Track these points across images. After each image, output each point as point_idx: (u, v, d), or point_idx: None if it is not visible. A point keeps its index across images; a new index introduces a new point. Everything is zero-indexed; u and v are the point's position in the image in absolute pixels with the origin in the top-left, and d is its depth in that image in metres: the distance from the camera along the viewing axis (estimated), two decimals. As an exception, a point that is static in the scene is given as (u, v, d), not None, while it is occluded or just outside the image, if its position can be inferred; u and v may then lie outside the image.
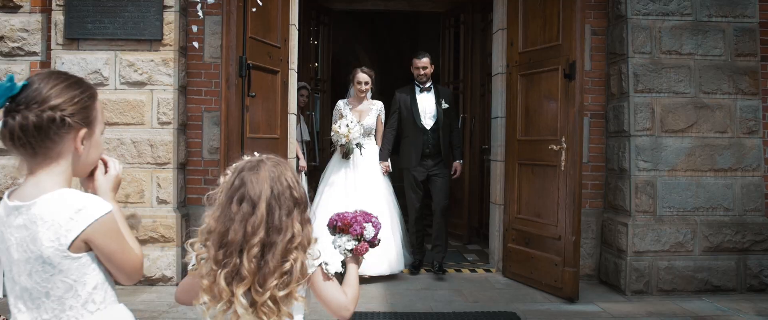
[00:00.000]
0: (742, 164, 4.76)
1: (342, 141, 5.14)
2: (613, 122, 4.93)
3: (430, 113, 5.34)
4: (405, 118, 5.37)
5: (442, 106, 5.31)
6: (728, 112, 4.76)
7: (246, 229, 1.50)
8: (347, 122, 5.13)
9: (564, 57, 4.47)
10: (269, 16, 4.77)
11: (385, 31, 14.69)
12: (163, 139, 4.75)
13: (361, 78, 5.39)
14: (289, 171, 1.59)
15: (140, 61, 4.77)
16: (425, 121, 5.33)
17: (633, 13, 4.71)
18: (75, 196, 1.39)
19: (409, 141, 5.35)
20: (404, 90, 5.50)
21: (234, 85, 4.25)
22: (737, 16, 4.77)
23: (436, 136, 5.32)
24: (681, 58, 4.73)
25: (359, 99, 5.45)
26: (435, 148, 5.32)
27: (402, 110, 5.40)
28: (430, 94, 5.39)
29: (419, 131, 5.29)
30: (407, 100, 5.38)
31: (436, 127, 5.32)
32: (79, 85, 1.46)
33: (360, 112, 5.41)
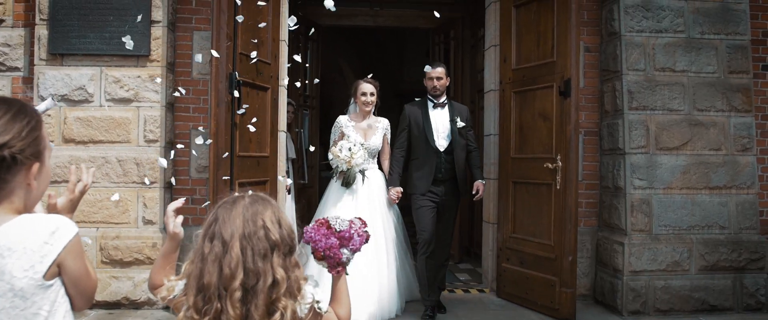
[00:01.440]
0: (736, 182, 4.73)
1: (343, 167, 4.47)
2: (608, 139, 4.89)
3: (444, 132, 4.65)
4: (415, 137, 4.66)
5: (458, 124, 4.64)
6: (722, 129, 4.74)
7: (222, 270, 1.37)
8: (350, 145, 4.47)
9: (559, 74, 4.43)
10: (259, 31, 4.68)
11: (371, 46, 14.65)
12: (149, 158, 4.63)
13: (366, 88, 4.72)
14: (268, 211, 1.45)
15: (127, 77, 4.65)
16: (439, 141, 4.62)
17: (627, 30, 4.69)
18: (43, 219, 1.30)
19: (419, 163, 4.64)
20: (415, 104, 4.81)
21: (224, 102, 4.14)
22: (729, 34, 4.77)
23: (451, 159, 4.61)
24: (675, 75, 4.71)
25: (363, 114, 4.75)
26: (448, 173, 4.62)
27: (412, 128, 4.69)
28: (445, 110, 4.71)
29: (432, 153, 4.58)
30: (418, 117, 4.67)
31: (450, 149, 4.62)
32: (23, 113, 1.34)
33: (364, 129, 4.73)
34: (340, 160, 4.46)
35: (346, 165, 4.46)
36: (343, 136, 4.66)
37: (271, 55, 4.83)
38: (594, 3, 5.04)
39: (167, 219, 1.74)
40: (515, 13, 4.94)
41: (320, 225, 1.85)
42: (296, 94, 6.60)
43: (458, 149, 4.63)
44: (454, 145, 4.62)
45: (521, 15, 4.88)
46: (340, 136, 4.70)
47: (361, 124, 4.75)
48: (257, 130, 4.64)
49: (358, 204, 4.52)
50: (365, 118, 4.76)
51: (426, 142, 4.60)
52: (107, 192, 4.58)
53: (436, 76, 4.68)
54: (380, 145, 4.76)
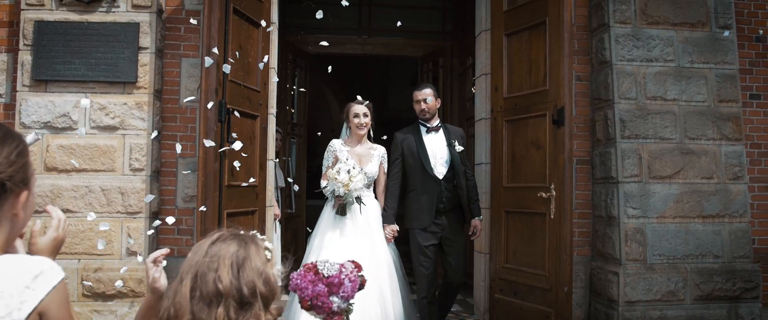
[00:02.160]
0: (729, 210, 4.72)
1: (340, 191, 4.08)
2: (600, 168, 4.87)
3: (441, 158, 4.37)
4: (411, 166, 4.37)
5: (457, 148, 4.37)
6: (713, 157, 4.74)
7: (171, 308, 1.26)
8: (348, 167, 4.11)
9: (552, 102, 4.41)
10: (249, 59, 4.63)
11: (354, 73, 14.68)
12: (135, 187, 4.50)
13: (358, 110, 4.42)
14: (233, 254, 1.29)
15: (112, 105, 4.55)
16: (437, 168, 4.34)
17: (618, 59, 4.71)
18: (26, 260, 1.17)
19: (418, 194, 4.32)
20: (406, 131, 4.53)
21: (213, 131, 4.06)
22: (718, 63, 4.81)
23: (452, 187, 4.33)
24: (666, 104, 4.72)
25: (357, 139, 4.46)
26: (451, 203, 4.32)
27: (406, 156, 4.40)
28: (439, 134, 4.44)
29: (431, 181, 4.28)
30: (412, 144, 4.39)
31: (450, 176, 4.34)
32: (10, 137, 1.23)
33: (359, 156, 4.41)
34: (337, 182, 4.08)
35: (343, 189, 4.07)
36: (337, 161, 4.36)
37: (260, 83, 4.76)
38: (584, 32, 5.06)
39: (148, 269, 1.63)
40: (506, 42, 4.94)
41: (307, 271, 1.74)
42: (284, 121, 6.54)
43: (460, 175, 4.37)
44: (456, 171, 4.35)
45: (513, 43, 4.88)
46: (334, 161, 4.41)
47: (355, 149, 4.46)
48: (246, 159, 4.55)
49: (357, 233, 4.19)
50: (360, 142, 4.48)
51: (423, 170, 4.31)
52: (90, 223, 4.44)
53: (422, 98, 4.44)
54: (377, 174, 4.45)
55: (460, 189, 4.36)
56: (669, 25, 4.78)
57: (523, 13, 4.74)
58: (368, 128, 4.47)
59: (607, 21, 4.77)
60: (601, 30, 4.85)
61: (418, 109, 4.47)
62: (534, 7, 4.63)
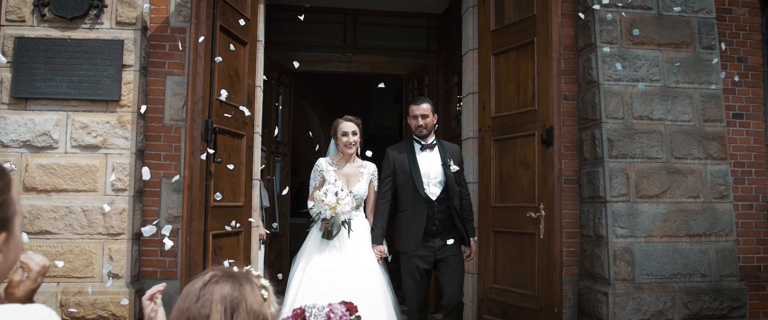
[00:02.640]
0: (715, 229, 4.74)
1: (326, 214, 3.84)
2: (588, 187, 4.87)
3: (435, 178, 4.12)
4: (402, 185, 4.15)
5: (452, 168, 4.11)
6: (700, 176, 4.77)
7: None
8: (337, 189, 3.86)
9: (540, 122, 4.40)
10: (235, 77, 4.57)
11: (336, 90, 14.66)
12: (117, 207, 4.40)
13: (347, 127, 4.18)
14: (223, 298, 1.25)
15: (95, 123, 4.45)
16: (430, 188, 4.10)
17: (605, 79, 4.73)
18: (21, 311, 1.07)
19: (409, 215, 4.09)
20: (399, 148, 4.30)
21: (199, 150, 3.98)
22: (703, 83, 4.86)
23: (446, 208, 4.09)
24: (652, 124, 4.75)
25: (346, 157, 4.23)
26: (444, 224, 4.08)
27: (398, 175, 4.18)
28: (434, 152, 4.19)
29: (422, 202, 4.04)
30: (404, 162, 4.15)
31: (444, 196, 4.10)
32: None
33: (347, 176, 4.18)
34: (324, 205, 3.82)
35: (330, 212, 3.82)
36: (324, 182, 4.14)
37: (246, 102, 4.70)
38: (570, 51, 5.09)
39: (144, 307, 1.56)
40: (494, 61, 4.94)
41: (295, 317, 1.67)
42: (268, 139, 6.47)
43: (455, 197, 4.12)
44: (450, 192, 4.10)
45: (500, 63, 4.88)
46: (321, 182, 4.18)
47: (343, 168, 4.21)
48: (232, 179, 4.47)
49: (346, 258, 3.94)
50: (348, 161, 4.24)
51: (414, 190, 4.07)
52: (70, 245, 4.32)
53: (420, 114, 4.20)
54: (366, 194, 4.22)
55: (454, 211, 4.13)
56: (655, 45, 4.83)
57: (511, 33, 4.75)
58: (357, 146, 4.24)
59: (594, 41, 4.80)
60: (588, 50, 4.88)
61: (415, 124, 4.23)
62: (522, 27, 4.64)
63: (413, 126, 4.26)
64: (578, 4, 5.02)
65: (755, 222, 5.22)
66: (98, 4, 4.54)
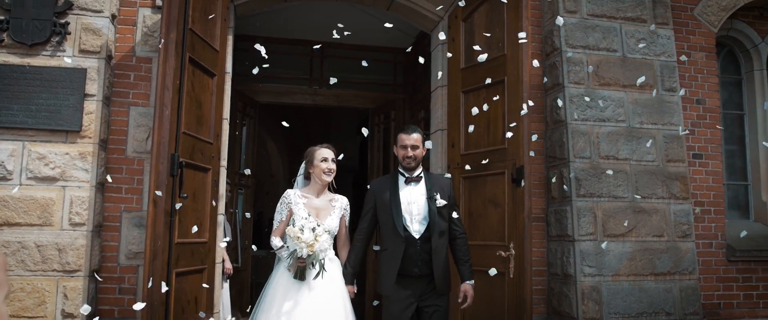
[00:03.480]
0: (679, 268, 4.82)
1: (302, 253, 3.45)
2: (555, 226, 4.90)
3: (419, 214, 3.77)
4: (383, 222, 3.80)
5: (437, 202, 3.76)
6: (664, 216, 4.86)
7: None
8: (313, 225, 3.52)
9: (510, 161, 4.42)
10: (203, 109, 4.47)
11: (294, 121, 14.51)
12: (74, 243, 4.19)
13: (327, 153, 3.81)
14: None
15: (53, 154, 4.26)
16: (413, 225, 3.74)
17: (572, 119, 4.81)
18: None
19: (387, 256, 3.73)
20: (382, 181, 3.99)
21: (164, 185, 3.85)
22: (665, 124, 4.99)
23: (429, 248, 3.70)
24: (618, 163, 4.84)
25: (318, 189, 3.82)
26: (427, 266, 3.70)
27: (379, 210, 3.83)
28: (420, 185, 3.84)
29: (400, 241, 3.68)
30: (386, 196, 3.80)
31: (428, 235, 3.72)
32: None
33: (317, 209, 3.76)
34: (300, 242, 3.43)
35: (307, 250, 3.44)
36: (292, 215, 3.72)
37: (213, 134, 4.60)
38: (538, 91, 5.16)
39: None
40: (464, 99, 4.97)
41: None
42: (231, 172, 6.33)
43: (437, 235, 3.73)
44: (432, 229, 3.72)
45: (470, 101, 4.91)
46: (288, 215, 3.74)
47: (314, 201, 3.79)
48: (196, 214, 4.34)
49: (317, 301, 3.53)
50: (320, 193, 3.85)
51: (395, 228, 3.71)
52: (21, 282, 4.09)
53: (411, 144, 3.83)
54: (337, 229, 3.82)
55: (435, 253, 3.70)
56: (620, 86, 4.94)
57: (481, 72, 4.79)
58: (333, 174, 3.86)
59: (561, 81, 4.89)
60: (556, 89, 4.96)
61: (403, 154, 3.86)
62: (492, 65, 4.69)
63: (401, 156, 3.89)
64: (546, 45, 5.11)
65: (715, 260, 5.33)
66: (61, 31, 4.40)
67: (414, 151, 3.84)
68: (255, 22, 6.36)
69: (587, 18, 4.99)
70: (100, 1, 4.49)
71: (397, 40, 7.25)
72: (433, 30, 5.60)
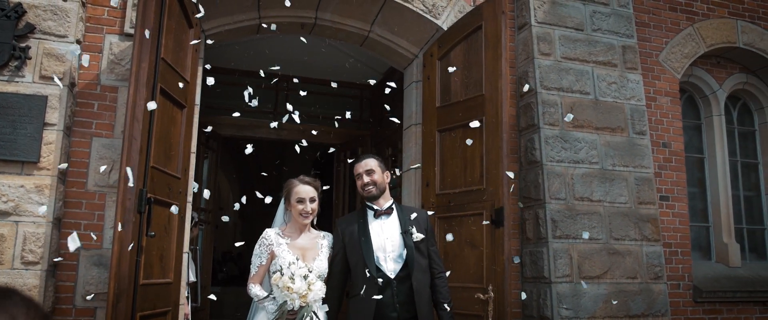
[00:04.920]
0: (652, 310, 4.82)
1: (294, 304, 3.02)
2: (531, 267, 4.85)
3: (393, 251, 3.36)
4: (353, 263, 3.37)
5: (413, 236, 3.34)
6: (636, 258, 4.88)
7: None
8: (303, 272, 3.08)
9: (489, 201, 4.37)
10: (171, 142, 4.26)
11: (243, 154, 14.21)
12: (26, 283, 3.86)
13: (303, 192, 3.34)
14: None
15: (6, 187, 3.95)
16: (387, 264, 3.32)
17: (547, 160, 4.81)
18: None
19: (360, 300, 3.28)
20: (349, 218, 3.61)
21: (130, 223, 3.60)
22: (636, 166, 5.05)
23: (407, 289, 3.29)
24: (592, 205, 4.85)
25: (299, 228, 3.38)
26: (406, 309, 3.29)
27: (348, 251, 3.40)
28: (392, 218, 3.45)
29: (373, 284, 3.25)
30: (354, 234, 3.40)
31: (404, 274, 3.31)
32: None
33: (303, 249, 3.32)
34: (291, 293, 3.01)
35: (299, 302, 3.02)
36: (273, 258, 3.27)
37: (181, 169, 4.38)
38: (513, 131, 5.16)
39: None
40: (439, 138, 4.92)
41: None
42: (193, 206, 6.07)
43: (418, 273, 3.33)
44: (411, 267, 3.31)
45: (446, 140, 4.86)
46: (269, 258, 3.29)
47: (297, 241, 3.36)
48: (161, 252, 4.09)
49: None
50: (303, 231, 3.41)
51: (365, 268, 3.29)
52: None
53: (364, 170, 3.47)
54: (327, 271, 3.37)
55: (417, 293, 3.31)
56: (593, 128, 4.99)
57: (458, 111, 4.76)
58: (314, 215, 3.42)
59: (536, 122, 4.90)
60: (531, 130, 4.97)
61: (360, 184, 3.50)
62: (469, 105, 4.67)
63: (359, 186, 3.53)
64: (520, 86, 5.14)
65: (682, 301, 5.38)
66: (21, 55, 4.13)
67: (370, 177, 3.45)
68: (222, 53, 6.20)
69: (561, 61, 5.05)
70: (64, 26, 4.25)
71: (363, 76, 7.19)
72: (407, 67, 5.57)
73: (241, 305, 11.26)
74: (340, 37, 5.41)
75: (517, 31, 5.27)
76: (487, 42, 4.56)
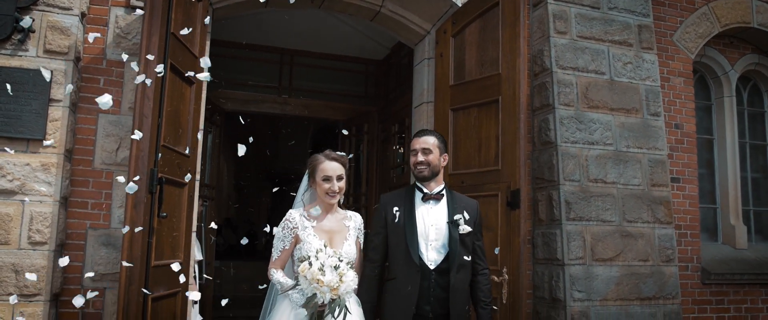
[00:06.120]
0: (663, 292, 4.81)
1: (325, 297, 2.77)
2: (543, 249, 4.81)
3: (436, 239, 3.15)
4: (393, 245, 3.16)
5: (461, 228, 3.13)
6: (649, 240, 4.85)
7: None
8: (334, 261, 2.81)
9: (504, 183, 4.30)
10: (180, 119, 4.14)
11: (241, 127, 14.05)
12: (33, 264, 3.78)
13: (330, 169, 3.08)
14: None
15: (11, 165, 3.84)
16: (428, 254, 3.12)
17: (562, 141, 4.73)
18: None
19: (396, 286, 3.12)
20: (395, 196, 3.34)
21: (142, 204, 3.51)
22: (650, 148, 4.99)
23: (445, 282, 3.09)
24: (606, 187, 4.79)
25: (326, 208, 3.13)
26: (442, 305, 3.09)
27: (390, 231, 3.19)
28: (440, 205, 3.23)
29: (414, 272, 3.07)
30: (399, 215, 3.17)
31: (446, 267, 3.11)
32: None
33: (330, 233, 3.09)
34: (321, 286, 2.76)
35: (330, 295, 2.77)
36: (298, 242, 3.04)
37: (190, 147, 4.27)
38: (526, 111, 5.06)
39: None
40: (452, 117, 4.82)
41: None
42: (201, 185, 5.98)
43: (459, 268, 3.12)
44: (452, 260, 3.10)
45: (459, 119, 4.77)
46: (293, 242, 3.05)
47: (323, 223, 3.10)
48: (172, 233, 4.00)
49: None
50: (329, 212, 3.15)
51: (406, 254, 3.09)
52: (-30, 307, 3.65)
53: (421, 148, 3.23)
54: (355, 256, 3.12)
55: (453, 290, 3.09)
56: (608, 109, 4.91)
57: (473, 90, 4.66)
58: (341, 195, 3.16)
59: (551, 102, 4.81)
60: (545, 110, 4.88)
61: (414, 161, 3.25)
62: (485, 84, 4.56)
63: (412, 164, 3.28)
64: (535, 65, 5.03)
65: (690, 283, 5.37)
66: (23, 29, 3.97)
67: (426, 156, 3.21)
68: (225, 25, 6.04)
69: (577, 40, 4.95)
70: (69, -2, 4.10)
71: (369, 51, 7.07)
72: (418, 44, 5.44)
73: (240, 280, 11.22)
74: (351, 12, 5.26)
75: (532, 9, 5.15)
76: (505, 19, 4.44)
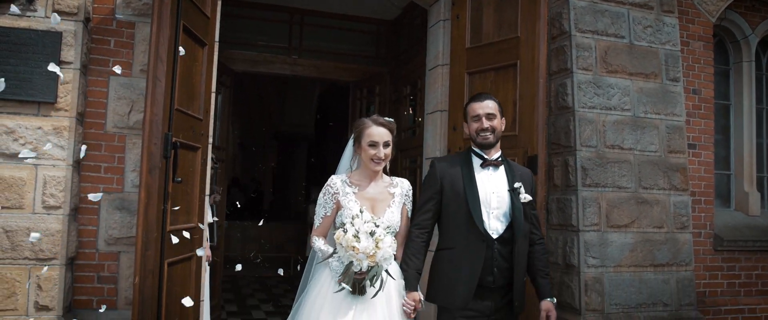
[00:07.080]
0: (677, 259, 4.80)
1: (362, 265, 2.69)
2: (557, 214, 4.78)
3: (498, 208, 2.99)
4: (451, 213, 3.01)
5: (522, 197, 2.98)
6: (664, 207, 4.81)
7: None
8: (370, 227, 2.71)
9: (522, 148, 4.24)
10: (193, 81, 4.07)
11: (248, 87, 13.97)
12: (48, 228, 3.77)
13: (377, 134, 2.94)
14: None
15: (23, 128, 3.79)
16: (491, 222, 2.96)
17: (579, 106, 4.65)
18: None
19: (455, 257, 2.97)
20: (451, 160, 3.17)
21: (157, 168, 3.47)
22: (668, 114, 4.91)
23: (509, 252, 2.96)
24: (623, 153, 4.73)
25: (370, 175, 3.00)
26: (504, 276, 2.96)
27: (446, 197, 3.03)
28: (499, 172, 3.07)
29: (478, 241, 2.92)
30: (457, 181, 3.01)
31: (508, 236, 2.97)
32: None
33: (372, 200, 2.96)
34: (357, 254, 2.67)
35: (368, 262, 2.68)
36: (339, 209, 2.94)
37: (202, 110, 4.21)
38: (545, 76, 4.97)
39: None
40: (468, 80, 4.73)
41: None
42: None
43: (522, 237, 2.97)
44: (516, 229, 2.95)
45: (476, 82, 4.68)
46: (334, 209, 2.96)
47: (366, 190, 2.97)
48: (186, 197, 3.97)
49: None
50: (373, 179, 3.00)
51: (468, 222, 2.92)
52: (-13, 270, 3.66)
53: (484, 113, 3.05)
54: (399, 224, 3.00)
55: (516, 260, 2.96)
56: (626, 74, 4.81)
57: (490, 53, 4.56)
58: (388, 160, 3.01)
59: (569, 66, 4.71)
60: (563, 75, 4.79)
61: (478, 127, 3.07)
62: (502, 47, 4.46)
63: (475, 130, 3.08)
64: (552, 27, 4.92)
65: (703, 250, 5.36)
66: (31, -12, 3.88)
67: (490, 121, 3.04)
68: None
69: (596, 2, 4.82)
70: (76, -44, 3.98)
71: (380, 11, 6.91)
72: (433, 5, 5.30)
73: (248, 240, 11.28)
74: (364, -29, 5.13)
75: (551, -31, 5.01)
76: (524, -20, 4.31)
